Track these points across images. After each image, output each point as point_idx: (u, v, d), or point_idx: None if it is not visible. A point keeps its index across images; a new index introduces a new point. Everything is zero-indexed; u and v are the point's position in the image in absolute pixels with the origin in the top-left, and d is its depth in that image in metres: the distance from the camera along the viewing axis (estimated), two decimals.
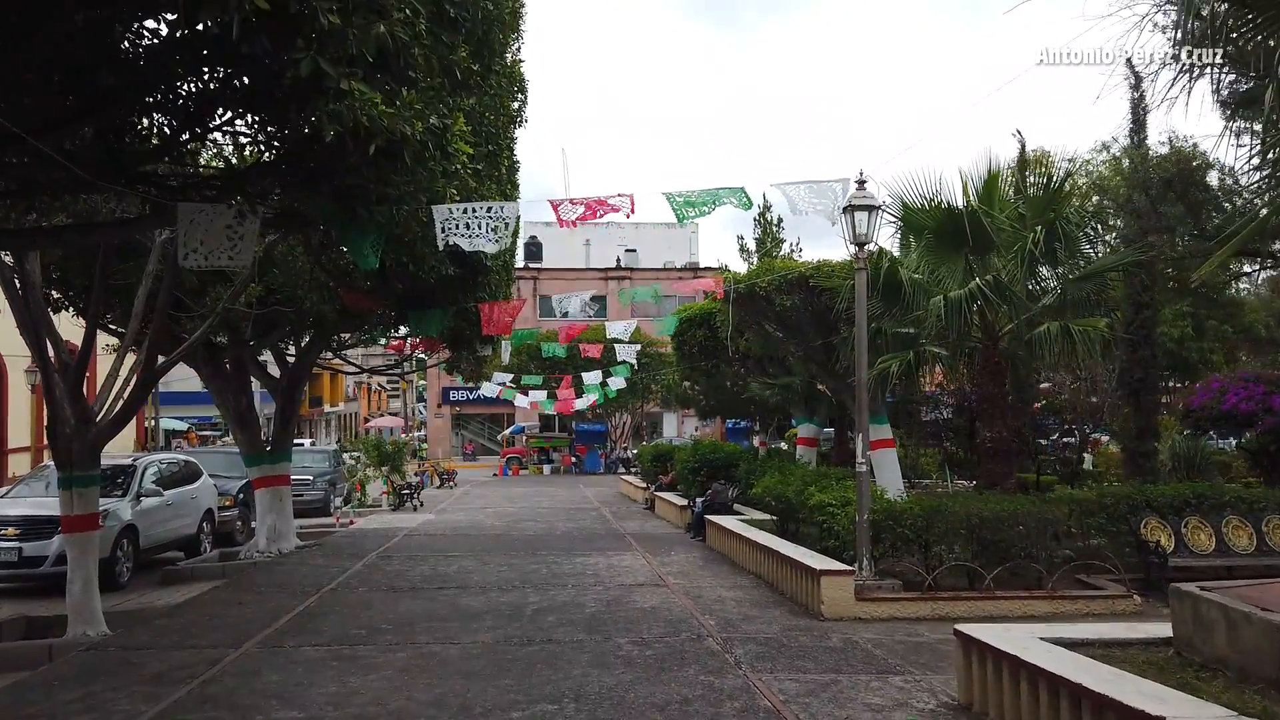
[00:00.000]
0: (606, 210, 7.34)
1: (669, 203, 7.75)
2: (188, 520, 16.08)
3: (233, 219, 5.75)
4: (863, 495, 10.36)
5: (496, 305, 11.21)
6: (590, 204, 7.27)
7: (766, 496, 14.23)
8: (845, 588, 9.95)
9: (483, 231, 6.65)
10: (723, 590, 11.66)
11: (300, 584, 12.31)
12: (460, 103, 6.15)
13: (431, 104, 5.18)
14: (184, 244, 5.65)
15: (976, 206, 11.72)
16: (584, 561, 14.22)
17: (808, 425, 24.15)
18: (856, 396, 10.81)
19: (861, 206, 10.53)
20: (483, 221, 6.65)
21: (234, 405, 15.00)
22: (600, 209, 7.29)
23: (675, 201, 7.71)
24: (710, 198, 7.80)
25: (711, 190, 7.88)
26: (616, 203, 7.36)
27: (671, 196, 7.74)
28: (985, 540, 10.44)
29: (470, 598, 11.22)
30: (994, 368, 12.37)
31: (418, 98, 4.94)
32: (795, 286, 16.36)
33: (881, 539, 10.50)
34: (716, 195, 7.82)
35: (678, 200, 7.70)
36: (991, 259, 12.33)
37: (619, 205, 7.38)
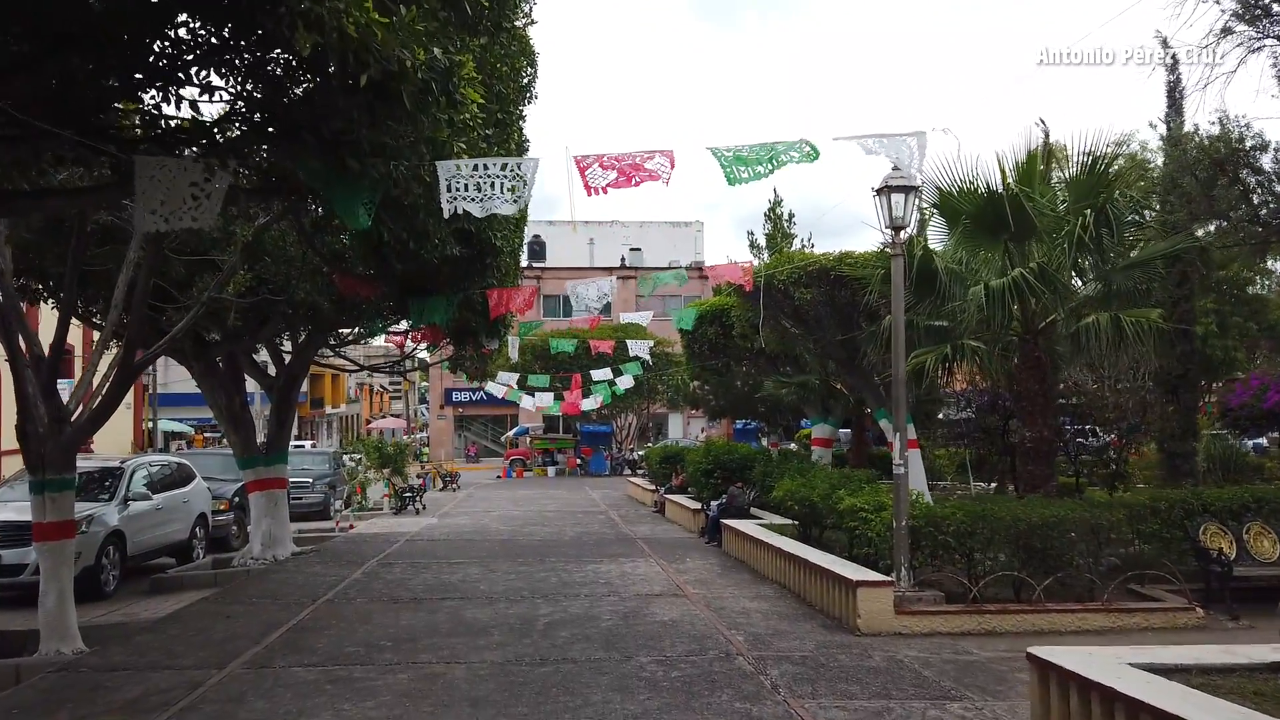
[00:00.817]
0: (643, 177, 6.39)
1: (717, 160, 6.75)
2: (179, 525, 15.32)
3: (199, 176, 4.97)
4: (900, 499, 9.58)
5: (505, 291, 10.37)
6: (625, 168, 6.31)
7: (788, 500, 13.44)
8: (884, 600, 9.17)
9: (497, 192, 5.83)
10: (746, 601, 10.88)
11: (295, 594, 11.55)
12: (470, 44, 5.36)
13: (435, 36, 4.40)
14: (143, 203, 4.87)
15: (1017, 189, 10.92)
16: (596, 569, 13.44)
17: (823, 425, 23.38)
18: (893, 392, 10.02)
19: (898, 187, 9.76)
20: (496, 180, 5.82)
21: (226, 405, 14.24)
22: (636, 174, 6.34)
23: (724, 158, 6.71)
24: (766, 153, 6.75)
25: (768, 145, 6.88)
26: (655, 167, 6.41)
27: (719, 152, 6.74)
28: (1033, 548, 9.66)
29: (476, 609, 10.45)
30: (1034, 363, 11.57)
31: (419, 17, 4.14)
32: (816, 279, 15.60)
33: (921, 546, 9.71)
34: (774, 151, 6.78)
35: (726, 156, 6.72)
36: (1032, 246, 11.55)
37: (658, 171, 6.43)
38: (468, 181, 5.70)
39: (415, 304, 9.73)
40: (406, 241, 6.98)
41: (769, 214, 29.78)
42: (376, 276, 9.07)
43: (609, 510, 23.51)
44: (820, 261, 15.37)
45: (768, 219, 29.68)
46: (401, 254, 7.36)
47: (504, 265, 9.73)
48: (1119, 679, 5.20)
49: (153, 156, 4.94)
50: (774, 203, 29.60)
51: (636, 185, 6.37)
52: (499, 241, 8.69)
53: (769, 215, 29.73)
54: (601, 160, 6.31)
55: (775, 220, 29.31)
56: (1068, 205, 11.32)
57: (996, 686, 7.25)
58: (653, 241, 57.09)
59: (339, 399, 74.48)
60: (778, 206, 29.19)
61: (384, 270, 8.58)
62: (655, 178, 6.37)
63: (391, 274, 8.69)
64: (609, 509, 23.95)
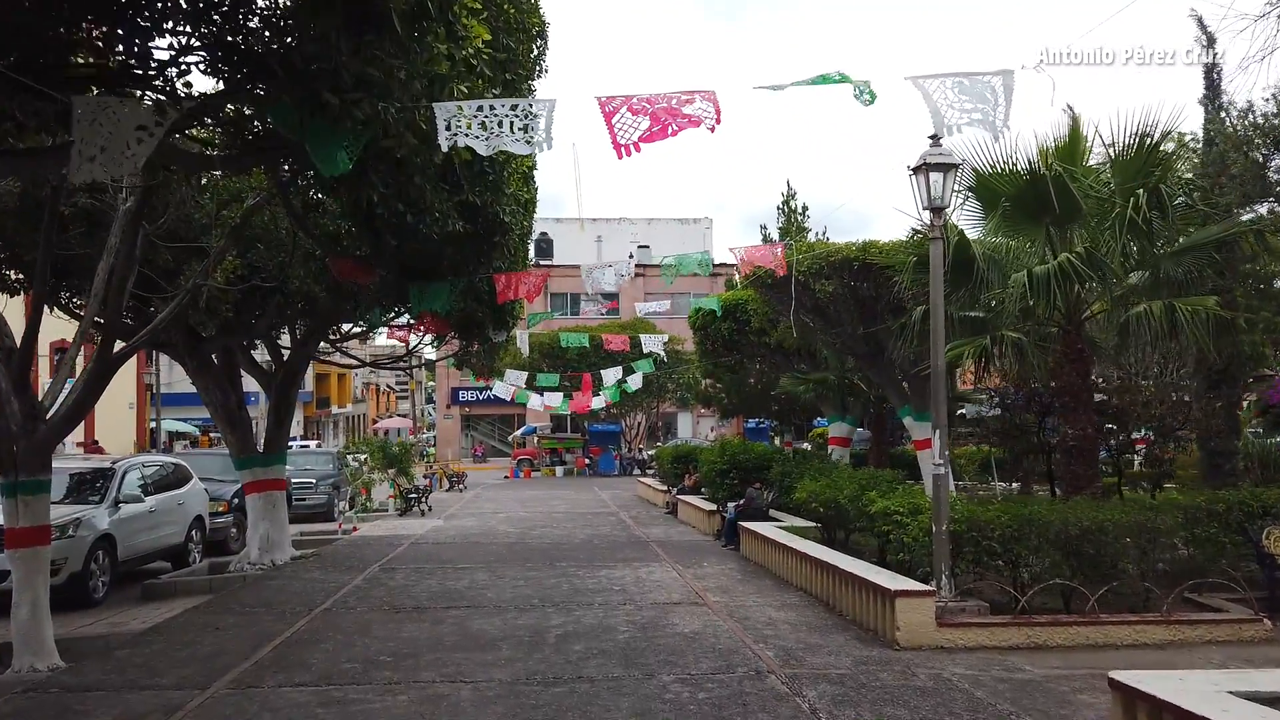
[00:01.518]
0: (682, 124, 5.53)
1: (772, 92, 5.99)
2: (174, 528, 14.67)
3: (148, 119, 4.29)
4: (940, 502, 8.86)
5: (514, 276, 9.64)
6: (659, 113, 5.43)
7: (812, 502, 12.74)
8: (924, 611, 8.46)
9: (506, 131, 5.09)
10: (771, 610, 10.18)
11: (291, 602, 10.88)
12: None
13: None
14: (80, 151, 4.19)
15: (1060, 168, 10.20)
16: (609, 575, 12.75)
17: (840, 424, 22.65)
18: (933, 386, 9.30)
19: (937, 165, 9.04)
20: (505, 119, 5.09)
21: (222, 403, 13.58)
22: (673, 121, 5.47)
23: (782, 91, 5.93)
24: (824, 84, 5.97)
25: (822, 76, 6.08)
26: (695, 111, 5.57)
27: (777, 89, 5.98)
28: (1084, 554, 8.93)
29: (483, 619, 9.77)
30: (1076, 355, 10.86)
31: None
32: (838, 270, 14.88)
33: (962, 553, 8.99)
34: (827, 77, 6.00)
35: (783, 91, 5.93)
36: (1073, 231, 10.83)
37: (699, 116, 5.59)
38: (469, 119, 4.96)
39: (415, 289, 9.00)
40: (403, 214, 6.28)
41: (782, 207, 29.10)
42: (373, 259, 8.38)
43: (619, 511, 22.83)
44: (843, 252, 14.65)
45: (781, 212, 29.01)
46: (398, 229, 6.66)
47: (512, 246, 8.99)
48: (1225, 712, 4.50)
49: (92, 96, 4.27)
50: (787, 195, 28.92)
51: (674, 135, 5.52)
52: (507, 217, 7.96)
53: (782, 208, 29.05)
54: (631, 104, 5.46)
55: (789, 214, 28.62)
56: (1114, 186, 10.60)
57: (1060, 710, 6.54)
58: (661, 238, 56.34)
59: (345, 399, 74.01)
60: (791, 199, 28.52)
61: (380, 252, 7.89)
62: (696, 123, 5.53)
63: (389, 256, 7.99)
64: (619, 510, 23.27)
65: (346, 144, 4.42)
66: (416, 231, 6.70)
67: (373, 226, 6.76)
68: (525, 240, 10.48)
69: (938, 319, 9.18)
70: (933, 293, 9.20)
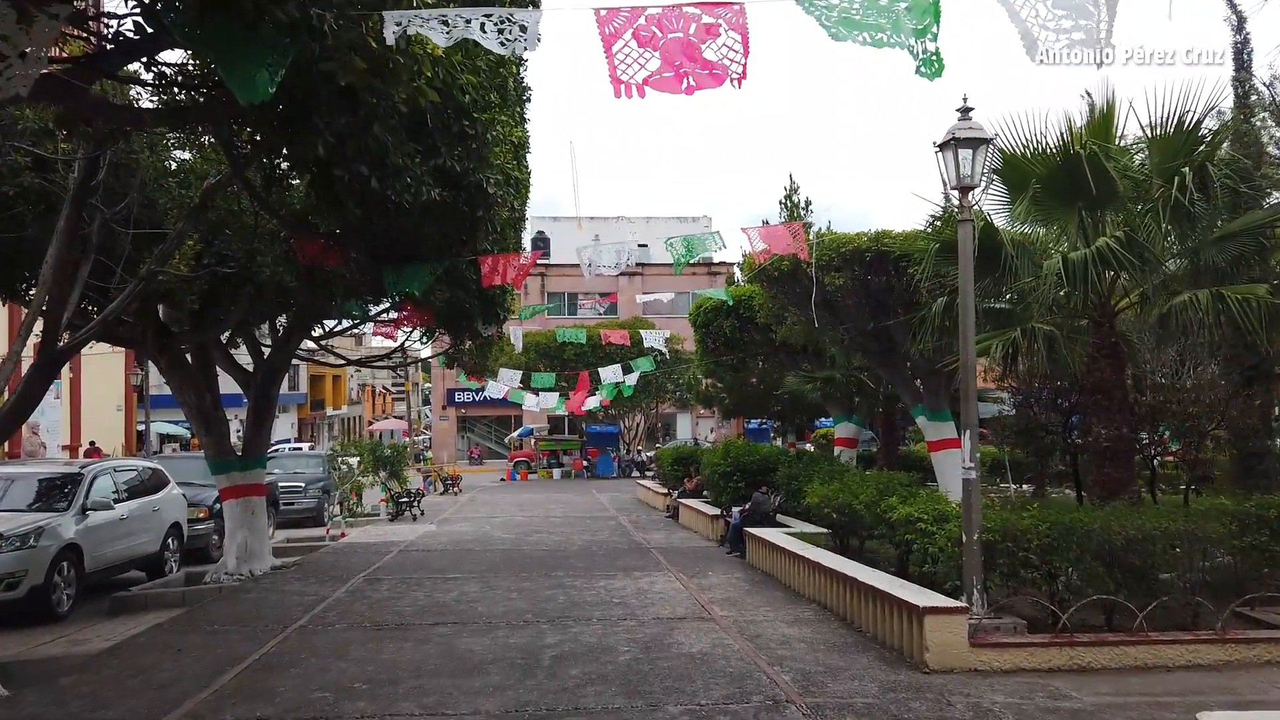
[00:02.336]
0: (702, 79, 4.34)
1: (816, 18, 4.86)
2: (148, 537, 13.85)
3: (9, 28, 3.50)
4: (972, 509, 8.07)
5: (501, 258, 8.77)
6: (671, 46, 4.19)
7: (825, 508, 11.95)
8: (956, 629, 7.67)
9: (475, 29, 4.21)
10: (784, 626, 9.39)
11: (266, 618, 10.09)
12: None
13: None
14: None
15: (1096, 147, 9.42)
16: (608, 585, 11.96)
17: (846, 424, 21.92)
18: (962, 382, 8.51)
19: (966, 140, 8.27)
20: (474, 20, 4.24)
21: (196, 403, 12.78)
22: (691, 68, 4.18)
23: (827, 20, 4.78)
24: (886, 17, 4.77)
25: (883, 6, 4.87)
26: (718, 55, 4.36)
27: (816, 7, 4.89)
28: (1129, 566, 8.15)
29: (472, 638, 8.98)
30: (1110, 350, 10.07)
31: None
32: (849, 262, 14.10)
33: (996, 565, 8.20)
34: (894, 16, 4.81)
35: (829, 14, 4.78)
36: (1107, 216, 10.06)
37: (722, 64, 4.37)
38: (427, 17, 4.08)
39: (390, 273, 8.16)
40: (367, 178, 5.49)
41: (784, 202, 28.33)
42: (343, 240, 7.57)
43: (618, 515, 22.04)
44: (855, 242, 13.87)
45: (783, 207, 28.27)
46: (362, 197, 5.85)
47: (499, 224, 8.14)
48: None
49: None
50: (790, 190, 28.15)
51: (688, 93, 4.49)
52: (492, 188, 7.11)
53: (784, 203, 28.29)
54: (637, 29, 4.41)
55: (791, 208, 27.87)
56: (1152, 167, 9.82)
57: None
58: (660, 237, 55.54)
59: (340, 400, 73.16)
60: (794, 194, 27.76)
61: (348, 227, 7.08)
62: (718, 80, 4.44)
63: (359, 235, 7.19)
64: (618, 513, 22.49)
65: (268, 61, 3.62)
66: (385, 201, 5.89)
67: (332, 193, 5.94)
68: (518, 226, 9.64)
69: (967, 309, 8.39)
70: (962, 280, 8.41)
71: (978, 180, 8.41)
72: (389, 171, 5.68)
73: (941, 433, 15.21)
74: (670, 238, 9.29)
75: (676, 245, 9.28)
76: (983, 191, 10.61)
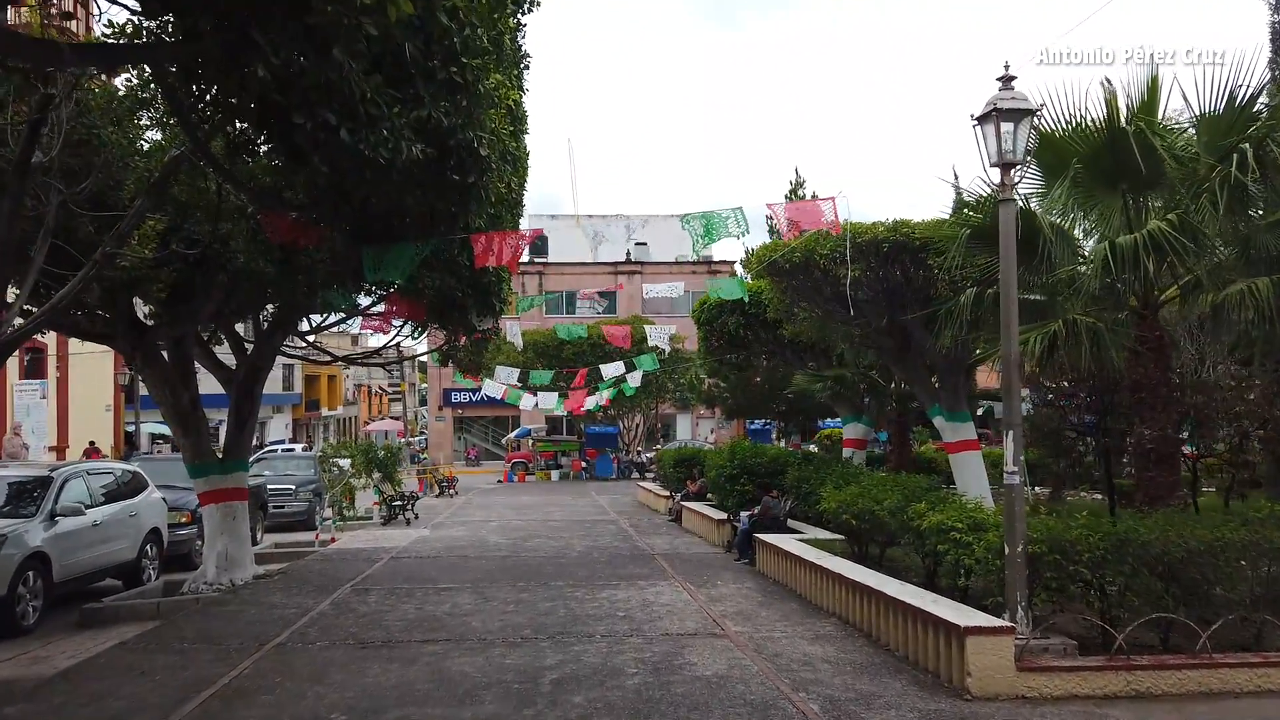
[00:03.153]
0: None
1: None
2: (125, 543, 13.07)
3: None
4: (1016, 518, 7.33)
5: (496, 236, 7.94)
6: None
7: (843, 513, 11.19)
8: (1001, 652, 6.92)
9: None
10: (804, 644, 8.64)
11: (242, 634, 9.32)
12: None
13: None
14: None
15: (1143, 124, 8.69)
16: (611, 596, 11.20)
17: (855, 424, 21.13)
18: (1004, 376, 7.75)
19: (1009, 111, 7.52)
20: None
21: (173, 402, 12.00)
22: None
23: None
24: None
25: None
26: None
27: None
28: (1190, 581, 7.41)
29: (464, 658, 8.21)
30: (1155, 344, 9.34)
31: None
32: (864, 253, 13.32)
33: (1044, 580, 7.45)
34: None
35: None
36: (1151, 199, 9.34)
37: None
38: None
39: (369, 254, 7.35)
40: (335, 128, 4.73)
41: (789, 196, 27.59)
42: (317, 215, 6.78)
43: (619, 519, 21.28)
44: (871, 231, 13.09)
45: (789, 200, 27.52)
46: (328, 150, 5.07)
47: (493, 195, 7.30)
48: None
49: None
50: (795, 184, 27.44)
51: None
52: (484, 150, 6.28)
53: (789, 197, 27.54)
54: None
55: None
56: (1201, 146, 9.08)
57: None
58: (659, 236, 54.78)
59: (336, 401, 72.35)
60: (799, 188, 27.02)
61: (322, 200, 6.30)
62: None
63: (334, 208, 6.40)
64: (619, 517, 21.73)
65: None
66: (359, 158, 5.09)
67: (295, 146, 5.14)
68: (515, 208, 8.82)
69: (1010, 298, 7.64)
70: (1004, 266, 7.66)
71: (1020, 156, 7.67)
72: (362, 122, 4.89)
73: (960, 434, 14.46)
74: (687, 215, 8.47)
75: (695, 225, 8.45)
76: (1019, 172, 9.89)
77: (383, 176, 5.53)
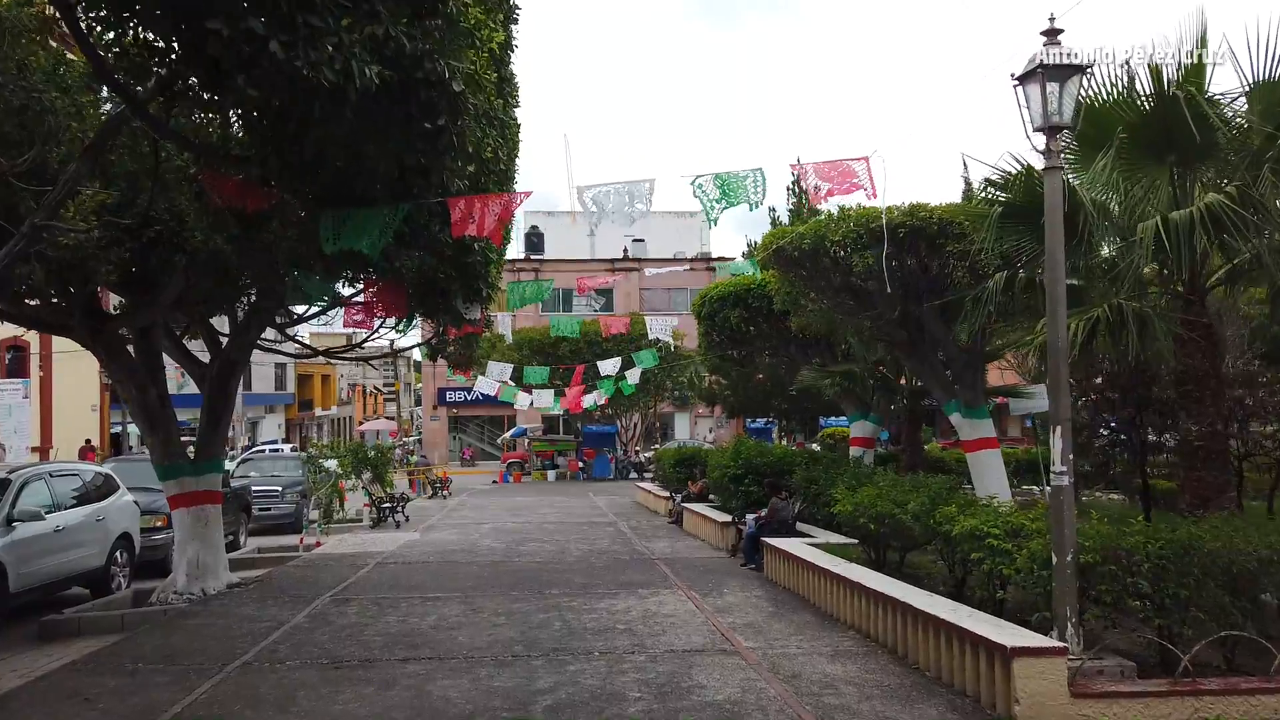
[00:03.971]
0: None
1: None
2: (91, 550, 12.24)
3: None
4: (1065, 524, 6.54)
5: (476, 199, 6.99)
6: None
7: (860, 516, 10.39)
8: (1053, 675, 6.12)
9: None
10: (824, 662, 7.84)
11: (205, 651, 8.50)
12: None
13: None
14: None
15: (1194, 90, 7.89)
16: (611, 606, 10.40)
17: (863, 423, 20.33)
18: (1049, 366, 6.95)
19: (1056, 68, 6.72)
20: None
21: (138, 398, 11.18)
22: None
23: None
24: None
25: None
26: None
27: None
28: (1253, 594, 6.62)
29: (448, 679, 7.40)
30: (1203, 332, 8.55)
31: None
32: (879, 240, 12.50)
33: (1098, 594, 6.65)
34: None
35: None
36: (1199, 173, 8.55)
37: None
38: None
39: (328, 219, 6.43)
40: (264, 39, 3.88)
41: (791, 187, 26.78)
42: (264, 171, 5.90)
43: (618, 521, 20.47)
44: (889, 214, 12.29)
45: (790, 193, 26.67)
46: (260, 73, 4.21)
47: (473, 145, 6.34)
48: None
49: None
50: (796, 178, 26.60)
51: None
52: (459, 85, 5.31)
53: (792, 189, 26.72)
54: None
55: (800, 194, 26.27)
56: (1257, 115, 8.28)
57: None
58: (655, 232, 53.98)
59: (330, 401, 71.41)
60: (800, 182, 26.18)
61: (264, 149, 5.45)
62: None
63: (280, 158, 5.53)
64: (617, 519, 20.92)
65: None
66: (296, 80, 4.22)
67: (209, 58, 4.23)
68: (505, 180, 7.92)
69: (1056, 277, 6.84)
70: (1049, 241, 6.86)
71: (1069, 119, 6.86)
72: (301, 35, 4.05)
73: (978, 431, 13.67)
74: (698, 177, 7.59)
75: (708, 186, 7.54)
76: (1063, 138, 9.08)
77: (333, 111, 4.67)
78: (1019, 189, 8.95)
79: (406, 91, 4.98)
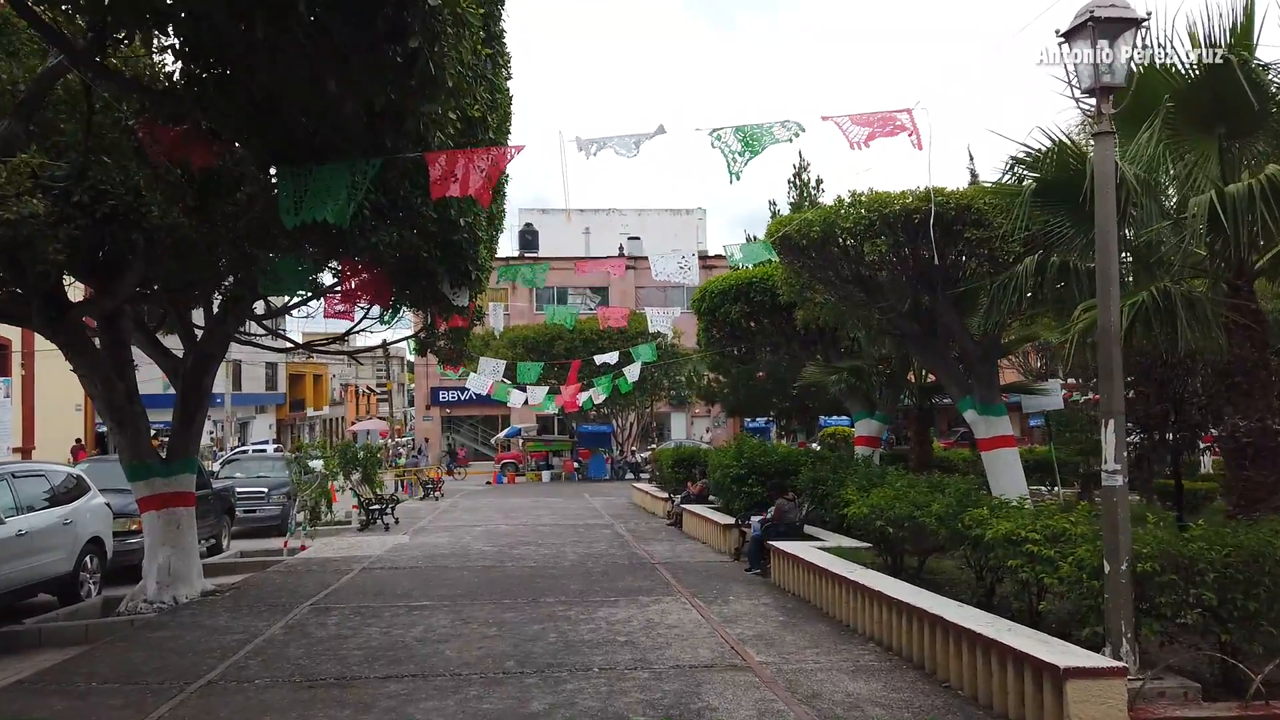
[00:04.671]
0: None
1: None
2: (57, 555, 11.51)
3: None
4: (1120, 529, 5.86)
5: (460, 154, 6.20)
6: None
7: (876, 519, 9.71)
8: (1111, 699, 5.44)
9: None
10: (844, 679, 7.15)
11: (168, 668, 7.78)
12: None
13: None
14: None
15: (1247, 55, 7.24)
16: (610, 615, 9.70)
17: (868, 421, 19.65)
18: (1100, 353, 6.26)
19: (1108, 22, 6.05)
20: None
21: (104, 394, 10.46)
22: None
23: None
24: None
25: None
26: None
27: None
28: None
29: (432, 701, 6.70)
30: (1253, 319, 7.90)
31: None
32: (891, 227, 11.83)
33: (1156, 606, 5.98)
34: None
35: None
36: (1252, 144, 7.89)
37: None
38: None
39: (288, 179, 5.63)
40: None
41: (793, 180, 26.13)
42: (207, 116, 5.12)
43: (615, 523, 19.76)
44: (900, 201, 11.62)
45: (792, 185, 26.03)
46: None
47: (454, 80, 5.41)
48: None
49: None
50: (799, 167, 25.98)
51: None
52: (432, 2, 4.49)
53: (793, 181, 26.07)
54: None
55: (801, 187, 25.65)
56: None
57: None
58: (652, 230, 53.28)
59: (322, 401, 70.62)
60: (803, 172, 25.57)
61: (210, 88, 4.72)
62: None
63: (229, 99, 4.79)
64: (614, 521, 20.20)
65: None
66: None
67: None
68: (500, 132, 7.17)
69: (1109, 253, 6.15)
70: (1099, 215, 6.18)
71: (1120, 79, 6.18)
72: None
73: (994, 429, 13.02)
74: (718, 129, 6.85)
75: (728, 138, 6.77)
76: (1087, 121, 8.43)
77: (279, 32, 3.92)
78: (1050, 166, 8.28)
79: (369, 7, 4.22)
